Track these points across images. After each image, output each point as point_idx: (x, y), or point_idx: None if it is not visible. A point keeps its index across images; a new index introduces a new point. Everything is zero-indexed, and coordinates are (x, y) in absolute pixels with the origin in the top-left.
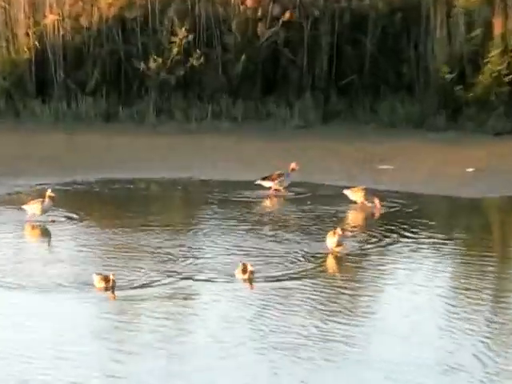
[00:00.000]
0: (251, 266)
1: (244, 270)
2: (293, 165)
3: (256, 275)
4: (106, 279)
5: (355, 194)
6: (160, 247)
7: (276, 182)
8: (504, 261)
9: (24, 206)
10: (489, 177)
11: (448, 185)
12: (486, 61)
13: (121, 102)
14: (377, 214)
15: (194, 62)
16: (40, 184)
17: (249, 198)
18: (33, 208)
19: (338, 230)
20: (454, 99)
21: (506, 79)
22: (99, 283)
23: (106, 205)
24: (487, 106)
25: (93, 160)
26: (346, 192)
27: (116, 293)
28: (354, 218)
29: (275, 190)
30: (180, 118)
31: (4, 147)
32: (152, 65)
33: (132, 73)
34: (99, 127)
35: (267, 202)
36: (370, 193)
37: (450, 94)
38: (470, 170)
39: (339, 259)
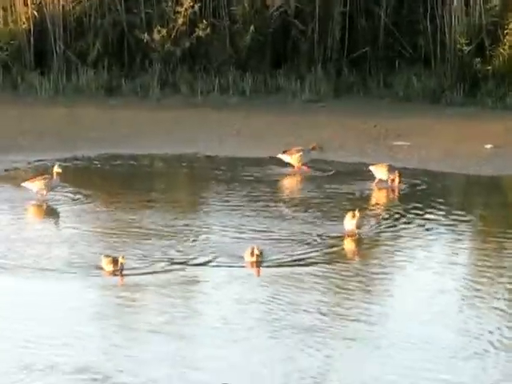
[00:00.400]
0: (258, 249)
1: (253, 253)
2: (314, 144)
3: (268, 258)
4: (115, 261)
5: (379, 171)
6: (166, 228)
7: (294, 156)
8: None
9: (28, 184)
10: (508, 154)
11: (466, 162)
12: (505, 32)
13: (123, 74)
14: (396, 192)
15: (200, 32)
16: (39, 160)
17: (258, 175)
18: (39, 185)
19: (357, 212)
20: (472, 73)
21: None
22: (108, 266)
23: (107, 182)
24: (507, 80)
25: (94, 135)
26: (371, 168)
27: (124, 275)
28: (372, 196)
29: (297, 167)
30: (185, 92)
31: (1, 121)
32: (156, 36)
33: (135, 44)
34: (101, 101)
35: (281, 180)
36: (393, 170)
37: (468, 68)
38: (489, 146)
39: (357, 241)
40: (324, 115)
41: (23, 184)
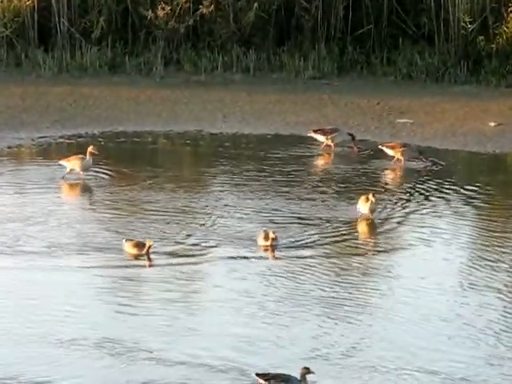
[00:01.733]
0: (274, 233)
1: (266, 237)
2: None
3: (279, 241)
4: (139, 245)
5: (393, 150)
6: (173, 209)
7: (328, 136)
8: None
9: (62, 162)
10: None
11: (470, 140)
12: (509, 10)
13: (127, 52)
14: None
15: (203, 10)
16: (42, 137)
17: (263, 152)
18: (72, 164)
19: (371, 196)
20: (476, 51)
21: None
22: (132, 249)
23: (111, 159)
24: (510, 58)
25: (97, 112)
26: (383, 147)
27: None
28: (383, 177)
29: (327, 146)
30: (189, 69)
31: (5, 98)
32: (160, 13)
33: (139, 21)
34: (104, 78)
35: (287, 158)
36: (411, 150)
37: (472, 46)
38: (492, 124)
39: (371, 224)
40: (327, 93)
41: (61, 162)
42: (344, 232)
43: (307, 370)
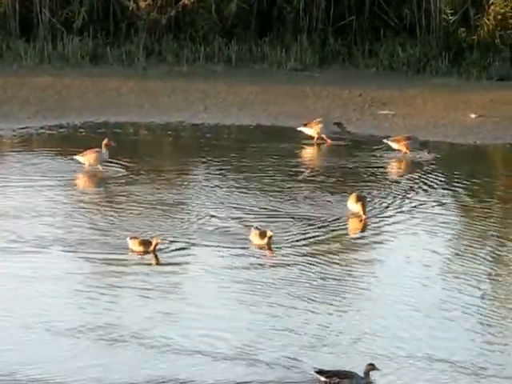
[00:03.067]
0: (271, 231)
1: (261, 235)
2: (338, 120)
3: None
4: (145, 243)
5: (398, 144)
6: (157, 203)
7: (315, 128)
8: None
9: (78, 157)
10: (493, 123)
11: (451, 131)
12: (490, 2)
13: (109, 42)
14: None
15: (185, 1)
16: (23, 128)
17: (245, 143)
18: (89, 158)
19: (361, 200)
20: (457, 42)
21: None
22: (138, 247)
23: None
24: (491, 50)
25: (79, 103)
26: (387, 141)
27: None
28: (366, 170)
29: (319, 138)
30: (171, 60)
31: None
32: (142, 4)
33: (121, 12)
34: (86, 69)
35: (271, 149)
36: (414, 142)
37: (453, 37)
38: (474, 116)
39: (360, 221)
40: (309, 84)
41: (77, 157)
42: (333, 228)
43: (372, 367)
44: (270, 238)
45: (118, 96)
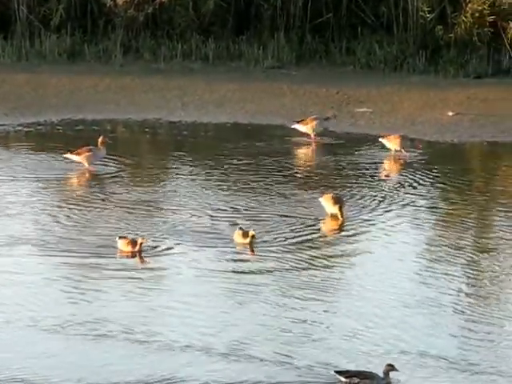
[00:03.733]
0: (254, 231)
1: (244, 235)
2: (330, 113)
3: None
4: (133, 243)
5: (391, 142)
6: (134, 203)
7: (309, 126)
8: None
9: (71, 156)
10: (470, 121)
11: (428, 129)
12: (467, 0)
13: (86, 40)
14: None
15: None
16: (0, 125)
17: (222, 141)
18: (85, 157)
19: (337, 196)
20: (434, 40)
21: (489, 19)
22: (126, 247)
23: (69, 148)
24: (468, 48)
25: (56, 100)
26: (382, 140)
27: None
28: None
29: (313, 136)
30: (148, 58)
31: None
32: (119, 1)
33: (98, 9)
34: (63, 66)
35: (250, 148)
36: (406, 140)
37: (430, 35)
38: (451, 113)
39: (339, 220)
40: (286, 82)
41: (70, 156)
42: (316, 227)
43: (391, 367)
44: (252, 237)
45: (96, 93)
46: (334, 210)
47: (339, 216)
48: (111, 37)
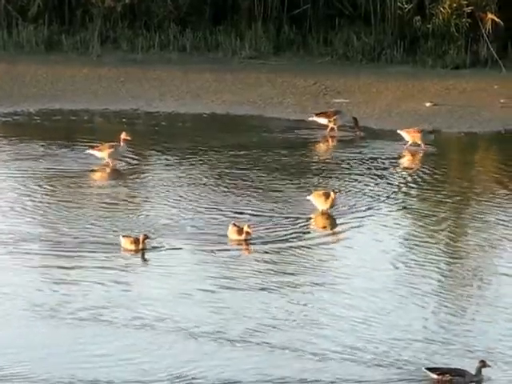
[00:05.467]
0: (249, 227)
1: (239, 231)
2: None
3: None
4: (136, 241)
5: (410, 135)
6: (113, 197)
7: (331, 119)
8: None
9: (95, 152)
10: (447, 112)
11: (406, 120)
12: None
13: (64, 30)
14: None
15: None
16: None
17: (200, 132)
18: (108, 153)
19: (332, 193)
20: (412, 31)
21: (467, 10)
22: (130, 245)
23: (46, 138)
24: (446, 39)
25: (34, 90)
26: (401, 132)
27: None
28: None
29: (331, 129)
30: (126, 48)
31: None
32: None
33: (76, 0)
34: (41, 56)
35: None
36: (426, 134)
37: (408, 26)
38: (428, 104)
39: (329, 218)
40: (264, 72)
41: (94, 152)
42: (300, 222)
43: (483, 364)
44: (247, 233)
45: (73, 83)
46: (325, 205)
47: (326, 208)
48: (89, 27)
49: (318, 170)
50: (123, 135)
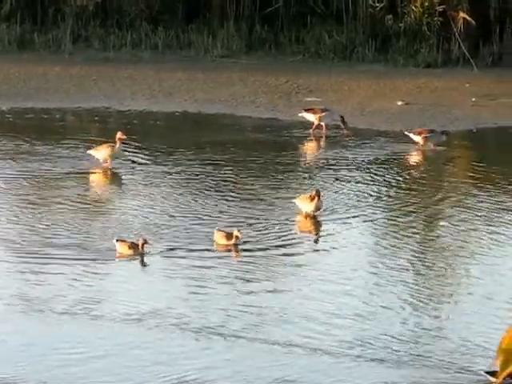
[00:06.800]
0: (238, 231)
1: (228, 237)
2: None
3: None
4: (134, 246)
5: (417, 137)
6: (85, 199)
7: (317, 116)
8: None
9: (92, 152)
10: (419, 111)
11: (378, 118)
12: None
13: (36, 28)
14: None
15: None
16: None
17: (172, 131)
18: (103, 153)
19: (316, 196)
20: (384, 30)
21: (439, 9)
22: (127, 250)
23: (18, 136)
24: (418, 38)
25: (6, 88)
26: (409, 134)
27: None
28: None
29: (317, 126)
30: (98, 47)
31: None
32: None
33: None
34: (13, 55)
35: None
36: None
37: (380, 24)
38: (400, 103)
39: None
40: (236, 71)
41: (91, 152)
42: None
43: None
44: (237, 238)
45: (45, 82)
46: (310, 207)
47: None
48: (61, 26)
49: (294, 170)
50: (119, 134)
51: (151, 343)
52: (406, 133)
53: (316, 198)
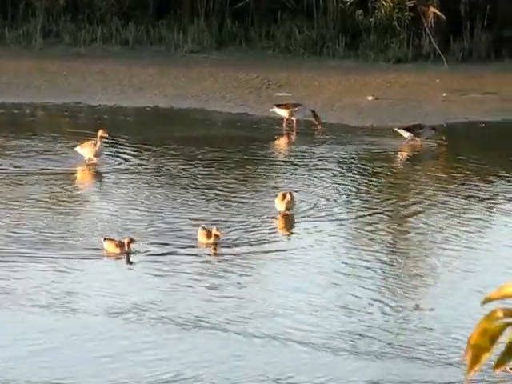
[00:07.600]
0: (217, 230)
1: (208, 235)
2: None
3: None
4: (120, 245)
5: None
6: (58, 197)
7: (289, 111)
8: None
9: (78, 149)
10: (390, 105)
11: (348, 113)
12: None
13: (6, 23)
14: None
15: None
16: None
17: (143, 126)
18: (86, 152)
19: (288, 194)
20: (354, 25)
21: (409, 4)
22: (115, 249)
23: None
24: (388, 33)
25: None
26: (399, 130)
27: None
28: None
29: (288, 122)
30: (68, 41)
31: None
32: None
33: None
34: None
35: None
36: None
37: (350, 19)
38: (370, 98)
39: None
40: (206, 66)
41: (77, 149)
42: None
43: None
44: (216, 236)
45: (16, 77)
46: (282, 206)
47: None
48: (31, 21)
49: (267, 165)
50: (100, 132)
51: (132, 336)
52: (395, 129)
53: (288, 197)
